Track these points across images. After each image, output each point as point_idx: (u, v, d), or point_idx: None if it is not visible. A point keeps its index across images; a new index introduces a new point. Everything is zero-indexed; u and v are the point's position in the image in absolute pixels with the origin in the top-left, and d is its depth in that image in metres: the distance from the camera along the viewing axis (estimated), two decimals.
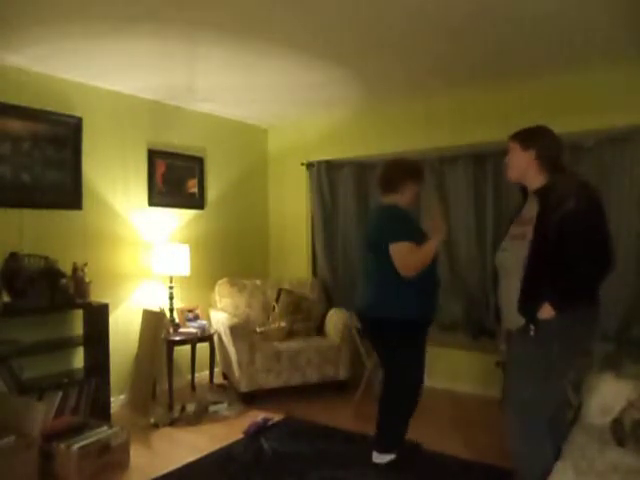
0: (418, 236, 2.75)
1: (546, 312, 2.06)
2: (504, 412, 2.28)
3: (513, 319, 2.18)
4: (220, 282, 4.45)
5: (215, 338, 4.21)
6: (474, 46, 3.09)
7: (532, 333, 2.08)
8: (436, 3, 2.52)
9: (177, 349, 3.98)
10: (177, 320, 4.13)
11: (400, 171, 2.87)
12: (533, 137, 2.21)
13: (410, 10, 2.59)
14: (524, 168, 2.21)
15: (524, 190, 2.33)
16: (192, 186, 4.53)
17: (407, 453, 2.90)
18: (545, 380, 2.11)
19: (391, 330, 2.77)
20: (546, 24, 2.77)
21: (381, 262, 2.74)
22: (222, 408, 3.78)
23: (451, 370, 3.08)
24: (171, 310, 4.10)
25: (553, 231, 2.04)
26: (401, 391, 2.86)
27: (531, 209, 2.20)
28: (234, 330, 3.90)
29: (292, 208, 5.11)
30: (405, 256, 2.66)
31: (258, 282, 4.59)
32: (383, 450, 2.84)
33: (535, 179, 2.20)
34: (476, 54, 3.23)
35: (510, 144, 2.26)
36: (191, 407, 3.69)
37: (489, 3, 2.51)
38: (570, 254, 2.03)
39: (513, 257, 2.19)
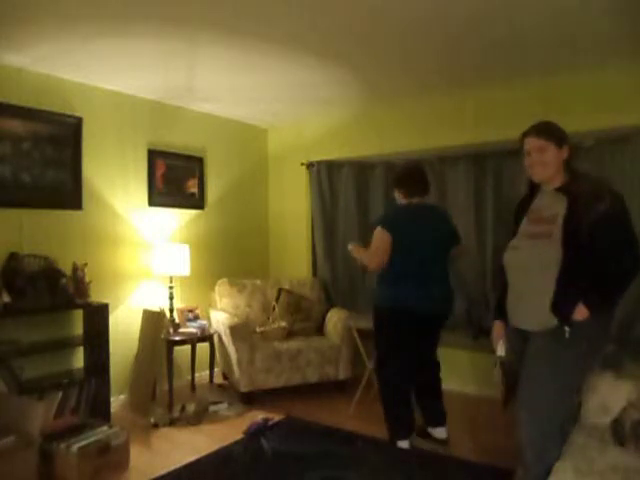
0: None
1: (581, 313, 2.01)
2: (516, 413, 2.20)
3: (536, 320, 2.12)
4: (220, 282, 4.45)
5: (215, 338, 4.21)
6: (474, 47, 3.09)
7: (567, 335, 2.02)
8: (436, 4, 2.52)
9: (177, 349, 3.98)
10: (177, 320, 4.13)
11: (426, 177, 3.15)
12: (564, 134, 2.16)
13: (410, 12, 2.59)
14: (558, 166, 2.15)
15: (532, 186, 2.28)
16: (192, 186, 4.53)
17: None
18: (568, 381, 2.09)
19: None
20: (546, 26, 2.77)
21: (447, 260, 3.11)
22: (222, 408, 3.78)
23: (451, 370, 3.10)
24: (171, 310, 4.10)
25: (587, 231, 1.99)
26: None
27: (551, 207, 2.14)
28: (234, 330, 3.90)
29: (292, 208, 5.11)
30: None
31: (258, 282, 4.59)
32: (444, 424, 3.19)
33: (561, 177, 2.16)
34: (476, 55, 3.23)
35: (542, 142, 2.15)
36: (191, 407, 3.69)
37: (489, 6, 2.51)
38: (604, 255, 1.99)
39: (536, 256, 2.13)
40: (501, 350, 2.34)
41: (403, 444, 3.07)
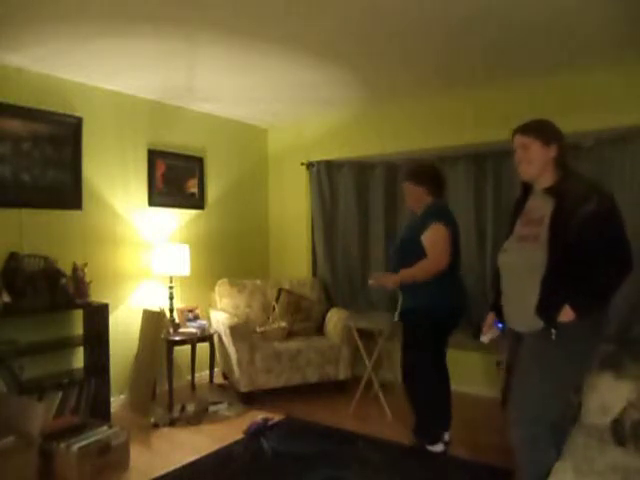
0: None
1: (567, 315, 1.99)
2: (508, 413, 2.21)
3: (524, 321, 2.12)
4: (220, 282, 4.45)
5: (215, 338, 4.21)
6: (474, 47, 3.10)
7: (554, 337, 2.01)
8: (436, 4, 2.52)
9: (177, 349, 3.98)
10: (177, 320, 4.13)
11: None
12: (554, 132, 2.13)
13: (410, 12, 2.59)
14: (544, 165, 2.11)
15: (525, 186, 2.26)
16: (192, 186, 4.53)
17: None
18: (557, 383, 2.07)
19: None
20: (545, 26, 2.77)
21: None
22: (222, 408, 3.78)
23: (451, 370, 3.12)
24: (171, 310, 4.10)
25: (574, 232, 1.97)
26: None
27: (541, 208, 2.12)
28: (234, 330, 3.90)
29: (292, 208, 5.11)
30: None
31: (258, 282, 4.59)
32: (449, 429, 3.16)
33: (549, 177, 2.12)
34: (476, 55, 3.23)
35: (526, 139, 2.13)
36: (191, 407, 3.69)
37: (488, 6, 2.51)
38: (592, 256, 1.97)
39: (523, 258, 2.12)
40: (484, 338, 2.39)
41: (437, 448, 3.04)
